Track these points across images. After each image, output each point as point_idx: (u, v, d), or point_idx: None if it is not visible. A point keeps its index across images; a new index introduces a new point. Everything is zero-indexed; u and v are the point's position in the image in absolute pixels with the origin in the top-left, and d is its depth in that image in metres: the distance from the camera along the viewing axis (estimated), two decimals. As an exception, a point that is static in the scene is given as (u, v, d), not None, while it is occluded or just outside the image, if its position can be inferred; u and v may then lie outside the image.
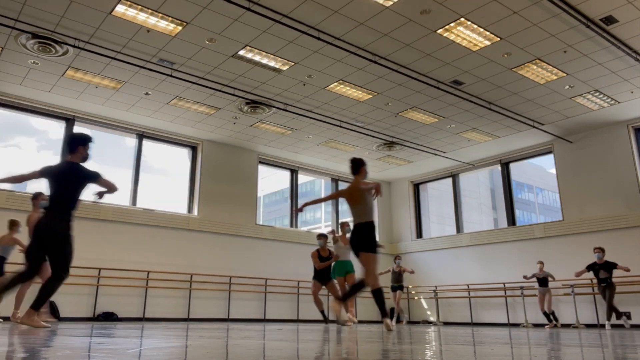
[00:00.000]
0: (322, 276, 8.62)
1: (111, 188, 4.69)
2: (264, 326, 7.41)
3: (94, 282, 9.70)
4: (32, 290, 7.43)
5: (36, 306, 4.46)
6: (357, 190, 5.37)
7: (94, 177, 4.63)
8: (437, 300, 13.43)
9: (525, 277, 10.80)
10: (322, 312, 8.78)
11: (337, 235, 8.60)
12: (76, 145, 4.69)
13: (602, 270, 9.46)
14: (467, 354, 2.56)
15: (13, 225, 7.36)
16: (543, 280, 10.55)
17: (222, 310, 11.20)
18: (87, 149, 4.71)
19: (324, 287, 8.71)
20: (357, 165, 5.53)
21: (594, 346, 3.43)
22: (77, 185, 4.57)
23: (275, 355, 2.40)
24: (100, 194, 4.67)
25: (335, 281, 8.52)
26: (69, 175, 4.56)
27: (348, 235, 8.58)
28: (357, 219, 5.34)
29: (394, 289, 12.04)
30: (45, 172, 4.62)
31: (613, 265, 9.42)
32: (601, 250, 9.60)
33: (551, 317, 10.46)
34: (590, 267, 9.64)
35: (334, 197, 5.93)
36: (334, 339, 3.89)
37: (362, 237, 5.21)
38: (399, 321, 12.30)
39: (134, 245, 10.43)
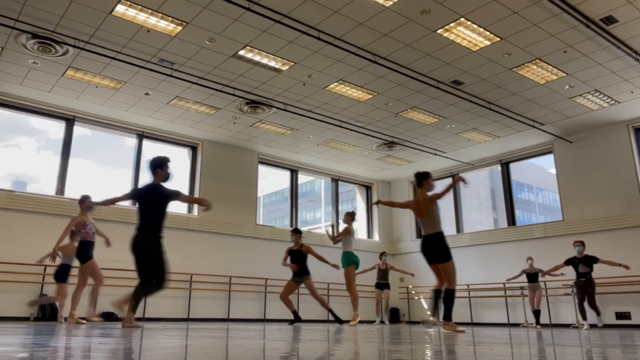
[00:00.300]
0: (298, 273, 8.44)
1: (199, 202, 5.18)
2: (264, 326, 7.41)
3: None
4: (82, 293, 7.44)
5: (132, 308, 4.96)
6: (423, 202, 5.64)
7: (175, 195, 5.14)
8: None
9: (509, 279, 10.70)
10: (295, 312, 8.74)
11: (335, 229, 8.31)
12: (155, 168, 5.17)
13: (582, 264, 9.18)
14: (467, 354, 2.56)
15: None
16: (533, 276, 10.50)
17: (222, 310, 11.20)
18: (167, 169, 5.20)
19: (302, 285, 8.53)
20: (420, 179, 5.83)
21: (594, 346, 3.43)
22: (162, 204, 5.09)
23: (275, 355, 2.40)
24: (206, 210, 5.12)
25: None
26: (154, 196, 5.09)
27: (354, 225, 8.41)
28: (426, 230, 5.64)
29: (379, 286, 11.66)
30: (133, 194, 5.28)
31: (594, 259, 9.12)
32: (581, 244, 9.32)
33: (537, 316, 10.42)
34: (569, 262, 9.41)
35: (402, 206, 6.26)
36: (334, 339, 3.89)
37: (438, 249, 5.55)
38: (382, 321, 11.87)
39: (134, 245, 10.42)
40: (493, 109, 9.95)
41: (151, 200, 5.06)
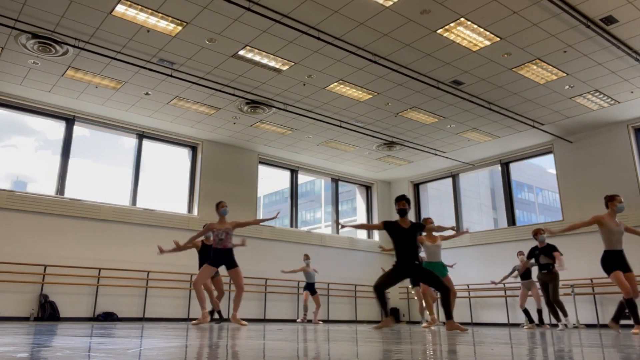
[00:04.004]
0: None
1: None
2: (264, 326, 7.41)
3: (94, 282, 9.70)
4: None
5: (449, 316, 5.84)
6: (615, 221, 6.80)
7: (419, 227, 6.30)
8: (437, 300, 13.40)
9: (498, 282, 10.01)
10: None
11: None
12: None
13: (543, 255, 8.47)
14: (467, 354, 2.56)
15: (307, 258, 11.19)
16: (526, 273, 9.63)
17: (222, 310, 11.17)
18: (398, 206, 6.09)
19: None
20: (606, 202, 7.01)
21: (595, 346, 3.43)
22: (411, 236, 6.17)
23: (275, 355, 2.40)
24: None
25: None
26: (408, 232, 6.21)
27: (437, 233, 7.97)
28: (618, 246, 6.85)
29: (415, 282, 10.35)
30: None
31: (553, 248, 8.38)
32: (544, 231, 8.39)
33: (531, 316, 9.47)
34: (530, 254, 8.67)
35: (590, 223, 7.08)
36: (334, 339, 3.89)
37: (625, 261, 6.72)
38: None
39: (134, 245, 10.42)
40: (493, 109, 9.95)
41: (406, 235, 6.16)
